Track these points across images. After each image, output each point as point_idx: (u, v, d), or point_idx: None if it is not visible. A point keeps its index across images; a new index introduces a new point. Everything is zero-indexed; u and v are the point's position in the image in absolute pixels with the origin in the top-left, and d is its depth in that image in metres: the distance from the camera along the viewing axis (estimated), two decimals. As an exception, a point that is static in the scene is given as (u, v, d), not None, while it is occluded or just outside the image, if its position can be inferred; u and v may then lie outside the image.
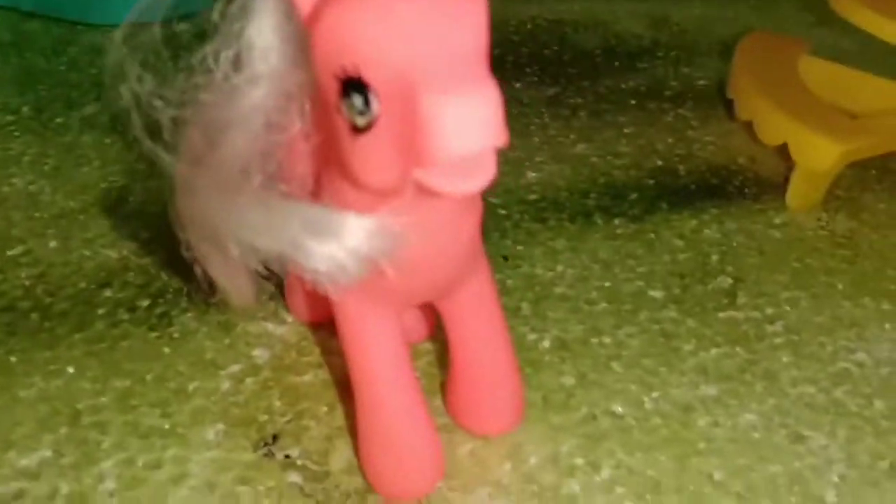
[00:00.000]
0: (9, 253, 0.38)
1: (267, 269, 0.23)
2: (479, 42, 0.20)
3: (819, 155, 0.42)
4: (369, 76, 0.20)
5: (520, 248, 0.40)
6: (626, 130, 0.50)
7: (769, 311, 0.37)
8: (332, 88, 0.21)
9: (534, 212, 0.43)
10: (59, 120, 0.48)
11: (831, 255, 0.41)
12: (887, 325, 0.37)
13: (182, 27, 0.25)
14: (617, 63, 0.58)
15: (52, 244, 0.39)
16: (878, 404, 0.33)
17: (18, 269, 0.37)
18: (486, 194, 0.44)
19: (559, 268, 0.39)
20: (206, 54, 0.24)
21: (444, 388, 0.32)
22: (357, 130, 0.21)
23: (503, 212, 0.42)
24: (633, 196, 0.44)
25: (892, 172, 0.47)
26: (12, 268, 0.37)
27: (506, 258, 0.39)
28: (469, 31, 0.20)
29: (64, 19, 0.58)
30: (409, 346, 0.31)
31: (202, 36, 0.24)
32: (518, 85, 0.54)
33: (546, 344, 0.35)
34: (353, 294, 0.25)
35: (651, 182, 0.45)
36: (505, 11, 0.63)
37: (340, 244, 0.21)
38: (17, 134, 0.46)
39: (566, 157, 0.47)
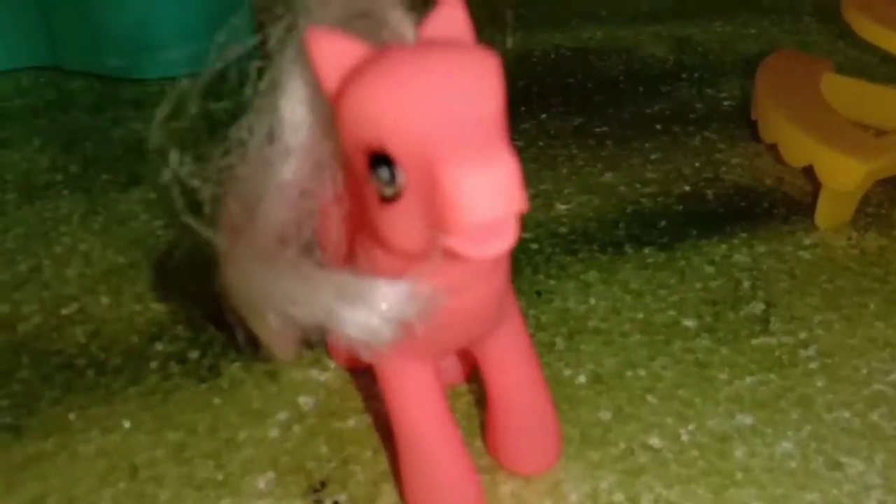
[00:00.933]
0: (63, 312, 0.39)
1: (306, 333, 0.24)
2: (495, 111, 0.21)
3: (844, 175, 0.42)
4: (392, 150, 0.21)
5: (552, 282, 0.41)
6: (652, 157, 0.50)
7: (802, 335, 0.37)
8: (359, 161, 0.22)
9: (565, 244, 0.43)
10: (105, 177, 0.49)
11: (862, 274, 0.41)
12: (922, 345, 0.37)
13: (218, 105, 0.26)
14: (641, 88, 0.58)
15: (104, 300, 0.40)
16: (915, 426, 0.33)
17: (73, 326, 0.39)
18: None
19: (591, 300, 0.40)
20: (241, 129, 0.25)
21: (483, 428, 0.33)
22: (385, 200, 0.22)
23: (534, 246, 0.43)
24: (663, 223, 0.45)
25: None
26: (67, 326, 0.39)
27: (539, 294, 0.40)
28: (485, 102, 0.21)
29: (106, 76, 0.60)
30: (446, 390, 0.32)
31: (237, 113, 0.26)
32: (544, 116, 0.55)
33: (582, 379, 0.35)
34: (390, 348, 0.26)
35: (680, 208, 0.46)
36: (528, 42, 0.64)
37: (373, 310, 0.22)
38: (65, 193, 0.48)
39: (594, 187, 0.48)
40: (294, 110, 0.25)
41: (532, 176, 0.49)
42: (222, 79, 0.26)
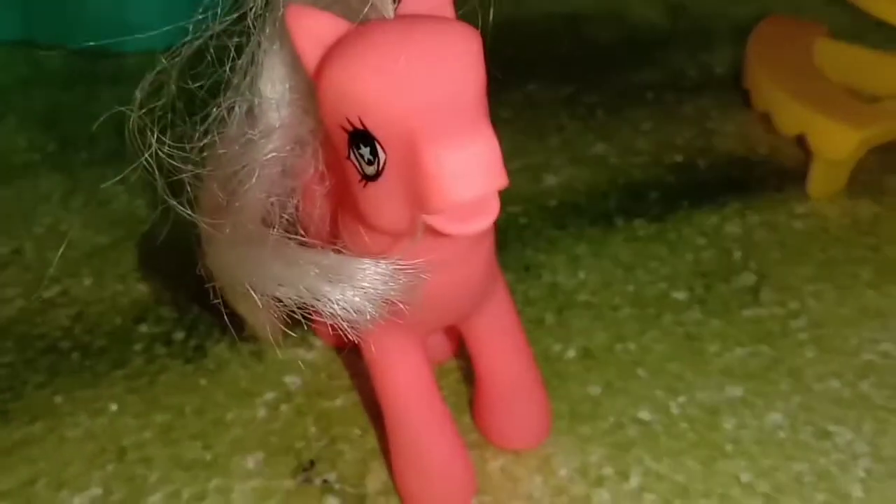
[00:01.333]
0: (46, 294, 0.40)
1: (291, 312, 0.25)
2: (476, 88, 0.22)
3: (837, 144, 0.43)
4: (373, 128, 0.22)
5: (541, 256, 0.42)
6: (644, 126, 0.51)
7: (793, 306, 0.38)
8: (340, 139, 0.23)
9: (554, 218, 0.44)
10: (83, 154, 0.50)
11: (855, 243, 0.42)
12: (913, 313, 0.38)
13: (196, 84, 0.26)
14: (633, 55, 0.59)
15: (87, 282, 0.41)
16: (904, 395, 0.34)
17: (56, 309, 0.39)
18: (505, 203, 0.45)
19: (581, 274, 0.40)
20: (221, 108, 0.26)
21: (472, 404, 0.34)
22: (366, 178, 0.23)
23: (523, 220, 0.44)
24: (654, 195, 0.45)
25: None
26: (51, 308, 0.39)
27: (527, 268, 0.41)
28: (465, 80, 0.22)
29: (80, 49, 0.60)
30: (434, 368, 0.33)
31: (216, 91, 0.26)
32: (532, 86, 0.55)
33: (571, 354, 0.36)
34: (375, 326, 0.27)
35: (671, 179, 0.47)
36: (517, 9, 0.64)
37: (357, 289, 0.23)
38: (43, 172, 0.49)
39: (584, 158, 0.49)
40: (274, 87, 0.25)
41: (520, 148, 0.50)
42: (200, 57, 0.27)
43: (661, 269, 0.41)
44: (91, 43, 0.56)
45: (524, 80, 0.56)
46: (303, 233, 0.26)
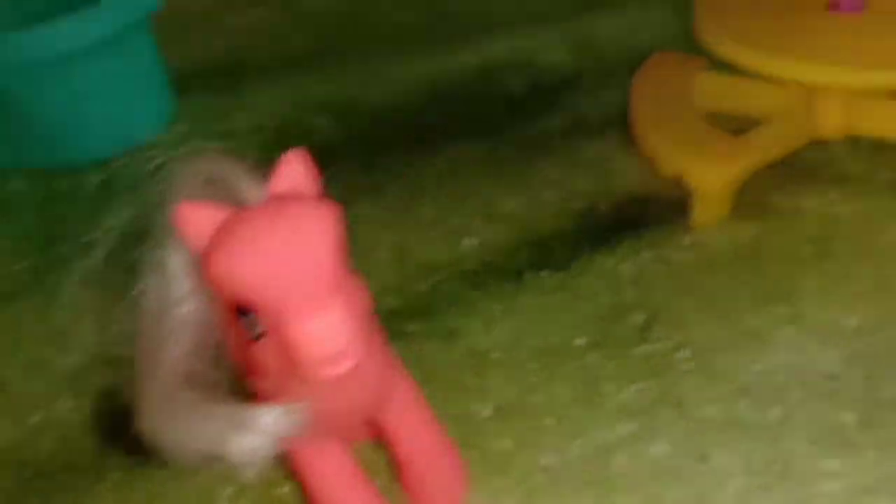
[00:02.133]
0: (31, 421, 0.46)
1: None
2: (333, 260, 0.28)
3: (710, 183, 0.49)
4: (249, 305, 0.28)
5: (462, 320, 0.48)
6: (552, 176, 0.57)
7: (679, 338, 0.44)
8: (229, 308, 0.29)
9: (472, 280, 0.50)
10: (53, 278, 0.56)
11: (736, 268, 0.48)
12: (784, 329, 0.44)
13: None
14: (541, 102, 0.64)
15: (68, 405, 0.47)
16: (774, 411, 0.40)
17: (43, 433, 0.46)
18: (430, 272, 0.51)
19: (495, 333, 0.46)
20: (142, 288, 0.32)
21: (401, 474, 0.40)
22: (252, 340, 0.29)
23: (446, 287, 0.50)
24: (559, 245, 0.51)
25: (793, 168, 0.53)
26: (38, 434, 0.46)
27: (451, 333, 0.47)
28: (323, 256, 0.28)
29: (38, 167, 0.66)
30: (354, 452, 0.39)
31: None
32: (451, 149, 0.61)
33: (487, 412, 0.42)
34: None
35: (573, 226, 0.52)
36: (430, 68, 0.70)
37: (257, 434, 0.29)
38: (20, 302, 0.55)
39: (499, 216, 0.54)
40: (179, 265, 0.31)
41: (443, 213, 0.55)
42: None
43: (564, 318, 0.47)
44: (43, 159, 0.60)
45: (444, 144, 0.61)
46: (227, 363, 0.32)
